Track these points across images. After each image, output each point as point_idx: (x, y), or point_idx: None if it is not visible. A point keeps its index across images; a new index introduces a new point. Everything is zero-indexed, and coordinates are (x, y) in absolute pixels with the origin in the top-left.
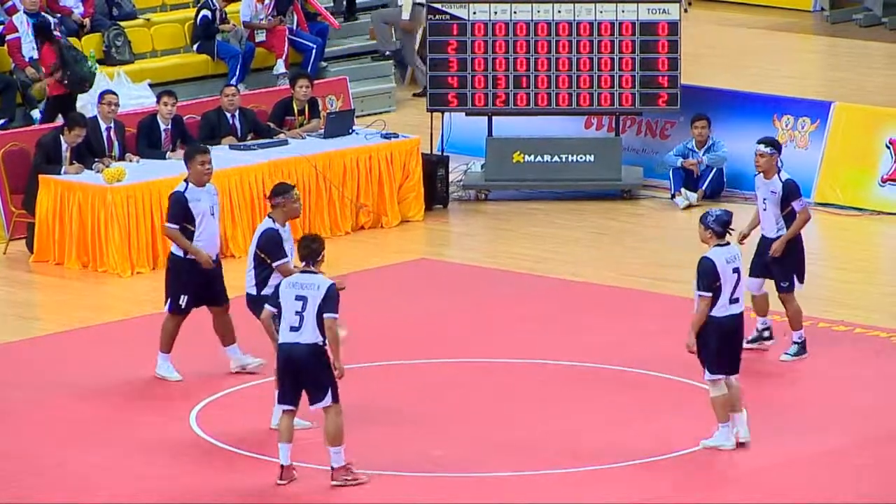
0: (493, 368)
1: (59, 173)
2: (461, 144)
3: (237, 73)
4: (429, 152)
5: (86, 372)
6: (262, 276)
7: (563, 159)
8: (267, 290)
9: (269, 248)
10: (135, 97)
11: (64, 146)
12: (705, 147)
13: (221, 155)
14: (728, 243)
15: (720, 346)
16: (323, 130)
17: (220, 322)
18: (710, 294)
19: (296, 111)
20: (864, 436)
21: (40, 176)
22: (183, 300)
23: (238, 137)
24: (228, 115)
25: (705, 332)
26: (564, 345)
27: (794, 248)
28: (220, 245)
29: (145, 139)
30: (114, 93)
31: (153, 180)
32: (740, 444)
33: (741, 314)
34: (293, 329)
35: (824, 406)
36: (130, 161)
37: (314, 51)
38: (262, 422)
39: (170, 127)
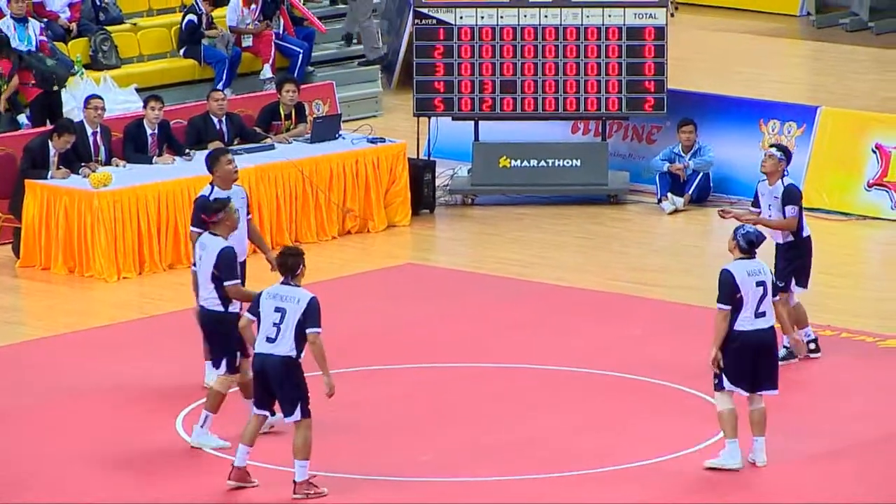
0: (480, 373)
1: (46, 178)
2: (448, 149)
3: (224, 77)
4: (415, 157)
5: (72, 377)
6: (224, 293)
7: (550, 164)
8: (235, 307)
9: (225, 267)
10: (121, 102)
11: (52, 151)
12: (692, 152)
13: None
14: (753, 257)
15: (742, 360)
16: (309, 135)
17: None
18: (727, 306)
19: (282, 116)
20: (852, 440)
21: (26, 181)
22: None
23: (224, 142)
24: (215, 119)
25: (730, 346)
26: (551, 349)
27: (801, 251)
28: (246, 248)
29: (132, 144)
30: (99, 97)
31: (140, 185)
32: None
33: (770, 329)
34: (269, 340)
35: (812, 410)
36: (117, 166)
37: (301, 55)
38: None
39: (156, 132)
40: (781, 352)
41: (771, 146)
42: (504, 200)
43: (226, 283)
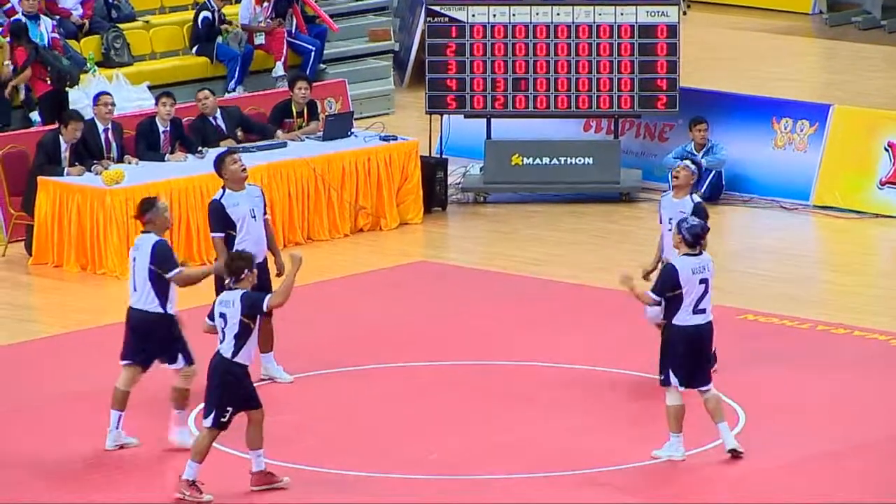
0: (492, 371)
1: (62, 174)
2: (460, 147)
3: (236, 75)
4: (427, 155)
5: (85, 375)
6: (162, 291)
7: (562, 162)
8: (172, 307)
9: (162, 260)
10: (133, 100)
11: (63, 146)
12: (704, 150)
13: None
14: (700, 254)
15: (681, 354)
16: (322, 133)
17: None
18: (658, 298)
19: (294, 113)
20: (864, 438)
21: (39, 178)
22: None
23: (226, 137)
24: (210, 118)
25: (669, 339)
26: (562, 348)
27: None
28: (264, 249)
29: (144, 141)
30: (108, 93)
31: (152, 182)
32: (735, 455)
33: (707, 325)
34: (221, 342)
35: (824, 409)
36: (129, 163)
37: (313, 53)
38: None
39: (168, 129)
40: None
41: (684, 159)
42: (516, 198)
43: (169, 275)
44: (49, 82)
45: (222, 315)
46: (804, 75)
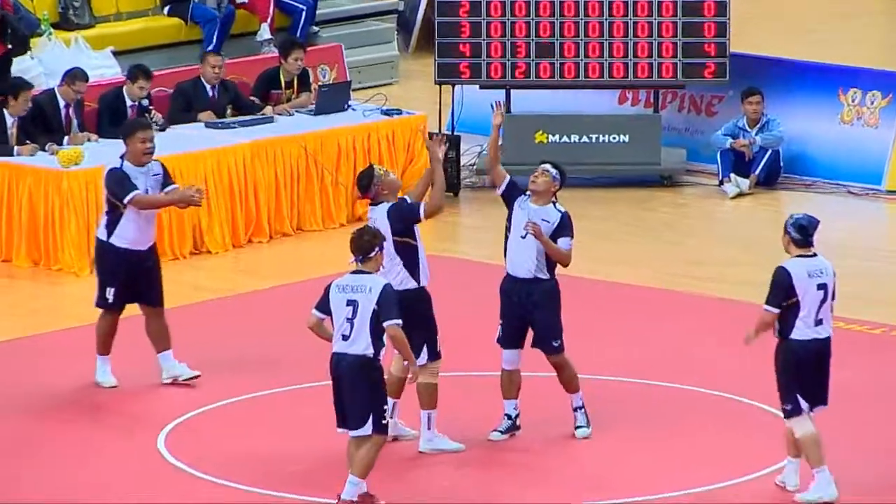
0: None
1: (10, 153)
2: (474, 122)
3: (214, 39)
4: (437, 131)
5: (36, 386)
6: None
7: (593, 140)
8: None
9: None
10: (95, 67)
11: (9, 121)
12: (759, 126)
13: (196, 134)
14: (815, 254)
15: (801, 375)
16: (314, 106)
17: (152, 325)
18: (775, 310)
19: (283, 83)
20: None
21: None
22: (110, 293)
23: (217, 113)
24: (208, 87)
25: (784, 358)
26: (593, 356)
27: (557, 292)
28: (154, 235)
29: (108, 116)
30: (84, 75)
31: None
32: (786, 489)
33: (828, 339)
34: (344, 338)
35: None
36: (90, 141)
37: (304, 13)
38: (239, 446)
39: (137, 103)
40: (580, 419)
41: (544, 163)
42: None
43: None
44: (7, 43)
45: (351, 303)
46: (876, 38)
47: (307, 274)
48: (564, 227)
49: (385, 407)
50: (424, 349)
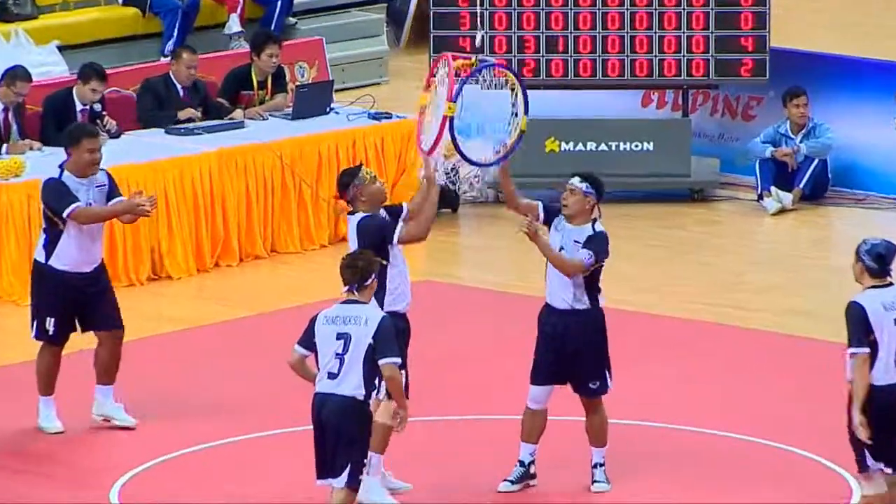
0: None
1: None
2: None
3: (175, 32)
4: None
5: None
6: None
7: (613, 148)
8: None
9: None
10: (38, 65)
11: None
12: (804, 132)
13: (156, 141)
14: (890, 284)
15: (881, 425)
16: (291, 109)
17: (104, 352)
18: (864, 349)
19: (255, 83)
20: None
21: None
22: (50, 324)
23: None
24: (179, 87)
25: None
26: (616, 396)
27: (603, 326)
28: (101, 255)
29: (54, 122)
30: (27, 74)
31: None
32: None
33: None
34: (331, 376)
35: None
36: (32, 150)
37: (279, 2)
38: (203, 501)
39: (88, 107)
40: (599, 474)
41: (574, 175)
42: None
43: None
44: None
45: (342, 337)
46: None
47: (283, 303)
48: (590, 241)
49: (364, 460)
50: (385, 384)
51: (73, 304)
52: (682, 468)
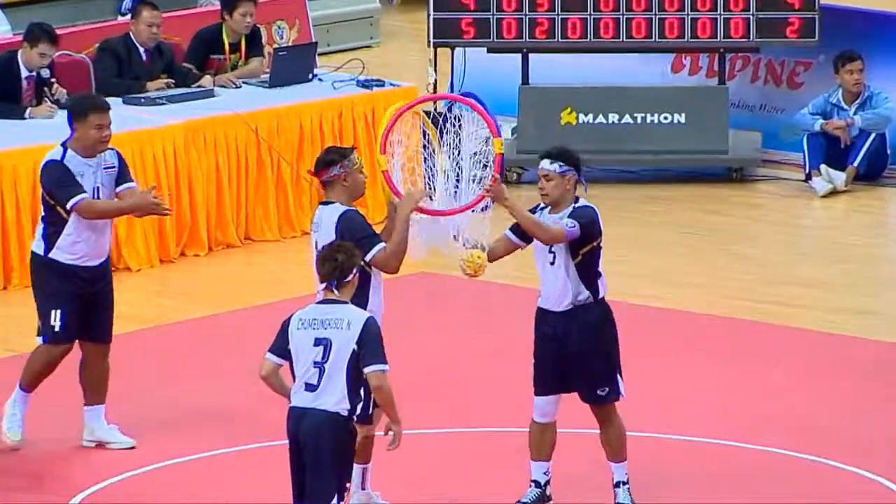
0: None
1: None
2: (481, 97)
3: None
4: (432, 109)
5: None
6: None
7: (639, 120)
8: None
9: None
10: None
11: None
12: (858, 101)
13: (112, 112)
14: None
15: None
16: (268, 75)
17: (93, 368)
18: None
19: (226, 46)
20: None
21: None
22: (56, 317)
23: (153, 77)
24: (142, 49)
25: None
26: (640, 405)
27: (610, 323)
28: (109, 247)
29: None
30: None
31: (5, 150)
32: None
33: None
34: (309, 388)
35: None
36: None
37: None
38: None
39: (35, 73)
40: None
41: (544, 157)
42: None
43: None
44: None
45: (321, 343)
46: None
47: (258, 299)
48: (571, 214)
49: (348, 484)
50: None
51: (80, 299)
52: (717, 488)
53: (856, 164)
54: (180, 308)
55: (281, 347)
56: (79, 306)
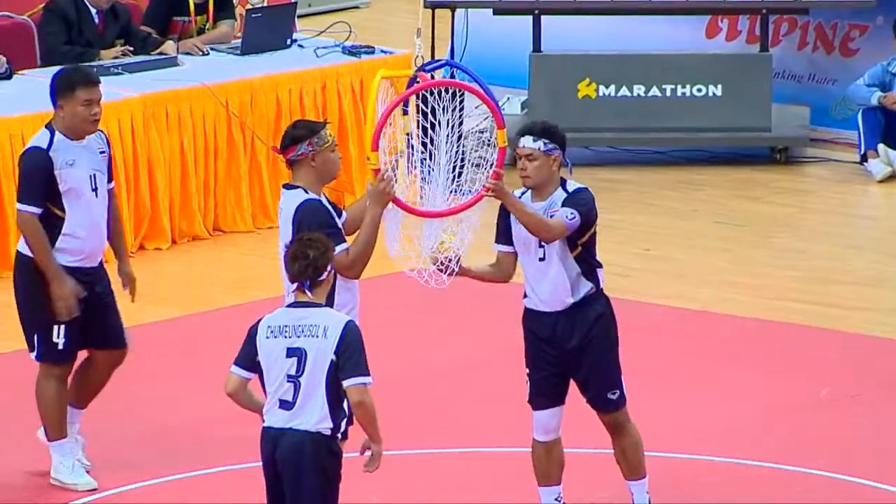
0: (520, 457)
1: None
2: (485, 66)
3: None
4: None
5: None
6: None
7: (667, 93)
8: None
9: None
10: None
11: None
12: None
13: None
14: None
15: None
16: (240, 41)
17: (100, 374)
18: None
19: (192, 7)
20: None
21: None
22: (59, 334)
23: (107, 45)
24: (93, 10)
25: None
26: (660, 422)
27: (614, 317)
28: (105, 242)
29: None
30: None
31: None
32: None
33: None
34: (284, 406)
35: None
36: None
37: None
38: None
39: None
40: None
41: (525, 133)
42: (585, 157)
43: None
44: None
45: (295, 353)
46: None
47: (229, 298)
48: (568, 201)
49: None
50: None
51: (80, 306)
52: None
53: None
54: (140, 309)
55: (248, 359)
56: (81, 316)
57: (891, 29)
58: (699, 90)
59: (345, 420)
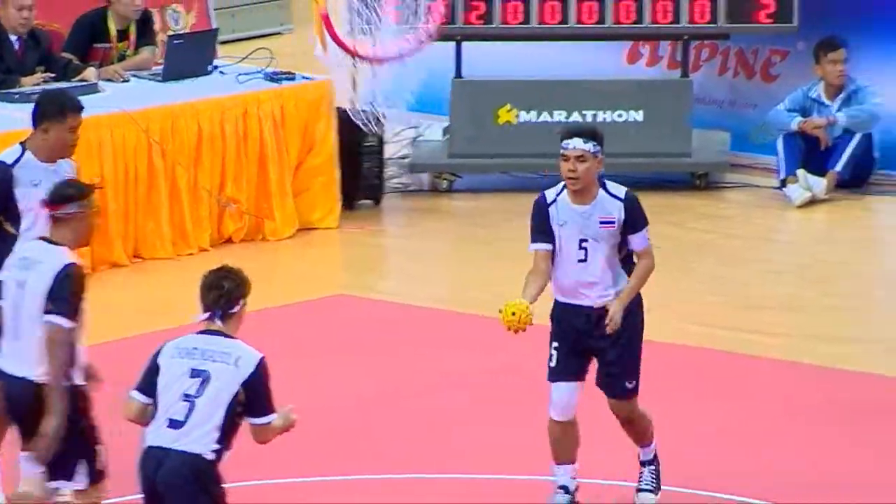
0: (462, 488)
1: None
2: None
3: None
4: (350, 106)
5: None
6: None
7: (588, 119)
8: (80, 376)
9: (67, 296)
10: None
11: None
12: (842, 97)
13: None
14: None
15: None
16: (161, 67)
17: None
18: None
19: (112, 33)
20: None
21: None
22: None
23: (26, 72)
24: (13, 37)
25: None
26: (589, 449)
27: (637, 318)
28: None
29: None
30: None
31: None
32: None
33: None
34: (174, 425)
35: None
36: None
37: None
38: None
39: None
40: (647, 478)
41: (569, 137)
42: (506, 183)
43: (59, 321)
44: None
45: (199, 374)
46: None
47: (148, 326)
48: (631, 214)
49: None
50: (83, 467)
51: None
52: None
53: (838, 169)
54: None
55: (149, 383)
56: None
57: (811, 54)
58: (620, 116)
59: (228, 453)
